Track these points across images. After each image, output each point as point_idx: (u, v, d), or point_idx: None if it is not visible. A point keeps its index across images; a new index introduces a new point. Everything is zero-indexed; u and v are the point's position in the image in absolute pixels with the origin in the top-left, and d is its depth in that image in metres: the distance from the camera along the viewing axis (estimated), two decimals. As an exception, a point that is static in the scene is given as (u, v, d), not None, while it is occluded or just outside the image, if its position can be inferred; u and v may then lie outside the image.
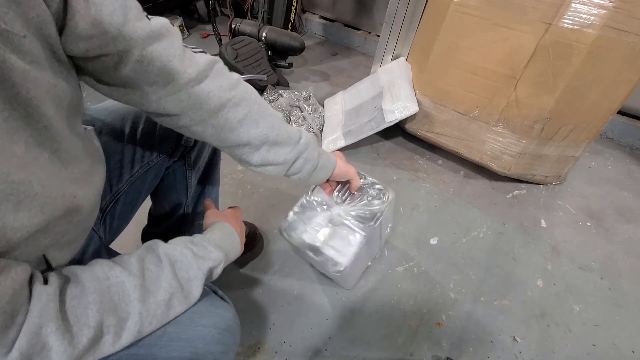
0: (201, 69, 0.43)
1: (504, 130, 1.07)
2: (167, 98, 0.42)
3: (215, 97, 0.45)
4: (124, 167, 0.57)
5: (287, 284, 0.88)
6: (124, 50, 0.37)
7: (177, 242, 0.45)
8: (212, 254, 0.46)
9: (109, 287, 0.36)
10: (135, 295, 0.37)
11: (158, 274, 0.40)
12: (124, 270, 0.38)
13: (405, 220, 1.05)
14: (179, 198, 0.69)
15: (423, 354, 0.77)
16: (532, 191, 1.17)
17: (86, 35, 0.33)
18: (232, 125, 0.48)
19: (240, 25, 1.56)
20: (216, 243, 0.48)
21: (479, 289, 0.89)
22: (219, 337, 0.44)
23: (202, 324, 0.43)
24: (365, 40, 1.92)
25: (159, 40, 0.39)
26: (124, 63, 0.38)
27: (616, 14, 0.82)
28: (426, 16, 1.22)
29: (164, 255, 0.42)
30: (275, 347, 0.77)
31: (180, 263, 0.42)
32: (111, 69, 0.38)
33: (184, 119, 0.46)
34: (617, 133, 1.40)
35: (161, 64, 0.40)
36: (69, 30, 0.32)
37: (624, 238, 1.03)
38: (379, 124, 1.18)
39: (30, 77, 0.29)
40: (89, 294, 0.34)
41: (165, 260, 0.41)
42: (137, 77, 0.39)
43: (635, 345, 0.80)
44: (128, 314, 0.36)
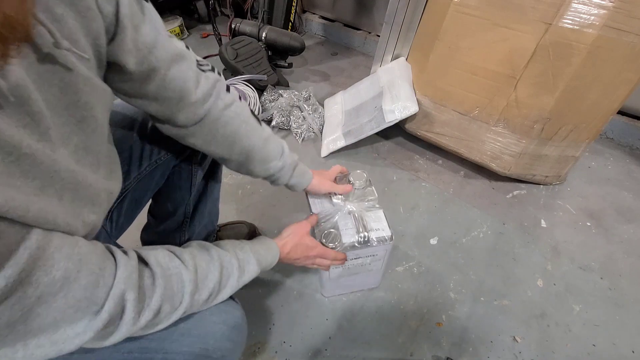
0: (205, 90, 0.48)
1: (504, 130, 1.07)
2: (177, 112, 0.48)
3: (212, 115, 0.50)
4: (132, 164, 0.57)
5: (287, 284, 0.88)
6: (153, 69, 0.41)
7: (227, 247, 0.49)
8: (252, 269, 0.50)
9: (170, 276, 0.38)
10: (188, 289, 0.40)
11: (207, 273, 0.43)
12: (181, 264, 0.40)
13: (405, 220, 1.05)
14: (183, 197, 0.69)
15: (423, 354, 0.77)
16: (532, 191, 1.17)
17: (127, 51, 0.37)
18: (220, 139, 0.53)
19: (240, 25, 1.56)
20: (259, 259, 0.51)
21: (479, 289, 0.89)
22: (229, 334, 0.46)
23: (213, 320, 0.45)
24: (365, 40, 1.92)
25: (180, 62, 0.44)
26: (150, 79, 0.42)
27: (616, 14, 0.82)
28: (426, 16, 1.22)
29: (217, 256, 0.45)
30: (275, 347, 0.77)
31: (226, 270, 0.45)
32: (137, 83, 0.42)
33: (182, 130, 0.51)
34: (617, 133, 1.40)
35: (179, 83, 0.45)
36: (116, 44, 0.36)
37: (624, 238, 1.03)
38: (379, 124, 1.18)
39: (90, 83, 0.33)
40: (158, 277, 0.37)
41: (217, 262, 0.44)
42: (158, 92, 0.44)
43: (635, 345, 0.80)
44: (179, 304, 0.39)
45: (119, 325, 0.34)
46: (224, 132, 0.52)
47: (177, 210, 0.71)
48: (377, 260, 0.74)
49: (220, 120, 0.51)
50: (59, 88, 0.30)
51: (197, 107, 0.48)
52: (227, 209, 1.04)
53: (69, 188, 0.31)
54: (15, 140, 0.26)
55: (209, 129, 0.51)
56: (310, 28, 2.15)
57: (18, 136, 0.26)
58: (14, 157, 0.26)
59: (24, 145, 0.26)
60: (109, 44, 0.36)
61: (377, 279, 0.86)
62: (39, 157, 0.28)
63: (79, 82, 0.31)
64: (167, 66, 0.42)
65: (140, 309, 0.35)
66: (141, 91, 0.43)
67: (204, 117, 0.50)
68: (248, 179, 1.15)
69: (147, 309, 0.36)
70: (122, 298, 0.33)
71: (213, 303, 0.45)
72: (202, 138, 0.52)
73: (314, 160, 1.26)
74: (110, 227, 0.59)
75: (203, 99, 0.48)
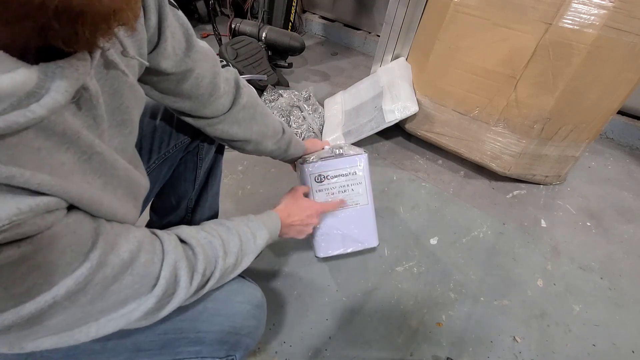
0: (231, 83, 0.54)
1: (504, 130, 1.07)
2: (207, 106, 0.52)
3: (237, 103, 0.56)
4: (142, 157, 0.58)
5: (287, 284, 0.88)
6: (188, 70, 0.45)
7: (236, 220, 0.51)
8: (263, 234, 0.52)
9: (203, 245, 0.42)
10: (220, 253, 0.43)
11: (229, 241, 0.46)
12: (208, 234, 0.44)
13: (405, 220, 1.05)
14: (186, 189, 0.71)
15: (423, 354, 0.77)
16: (532, 191, 1.17)
17: (167, 56, 0.41)
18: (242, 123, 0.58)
19: (240, 25, 1.56)
20: (266, 225, 0.55)
21: (479, 289, 0.89)
22: (253, 312, 0.49)
23: (238, 300, 0.49)
24: (365, 40, 1.92)
25: (208, 61, 0.48)
26: (186, 79, 0.46)
27: (616, 14, 0.82)
28: (426, 16, 1.22)
29: (232, 227, 0.48)
30: (275, 347, 0.77)
31: (244, 236, 0.49)
32: (174, 83, 0.46)
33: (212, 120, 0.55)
34: (617, 133, 1.40)
35: (209, 80, 0.49)
36: (159, 52, 0.40)
37: (624, 238, 1.03)
38: (379, 124, 1.18)
39: (134, 89, 0.36)
40: (195, 246, 0.40)
41: (235, 232, 0.48)
42: (192, 90, 0.48)
43: (635, 345, 0.80)
44: (215, 268, 0.42)
45: (176, 291, 0.38)
46: (245, 116, 0.58)
47: (181, 204, 0.72)
48: (358, 184, 0.78)
49: (242, 107, 0.56)
50: (109, 94, 0.33)
51: (225, 99, 0.53)
52: (227, 209, 1.04)
53: (122, 185, 0.35)
54: (90, 139, 0.29)
55: (234, 116, 0.56)
56: (310, 28, 2.15)
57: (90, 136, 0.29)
58: (87, 156, 0.29)
59: (96, 144, 0.30)
60: (151, 52, 0.39)
61: (372, 234, 0.84)
62: (106, 156, 0.31)
63: (124, 88, 0.34)
64: (200, 65, 0.46)
65: (191, 274, 0.39)
66: (176, 90, 0.47)
67: (231, 107, 0.55)
68: (248, 179, 1.15)
69: (196, 273, 0.39)
70: (174, 267, 0.37)
71: (239, 269, 0.48)
72: (229, 123, 0.57)
73: (314, 160, 1.26)
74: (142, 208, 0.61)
75: (229, 91, 0.53)
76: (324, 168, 0.76)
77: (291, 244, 0.95)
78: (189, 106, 0.51)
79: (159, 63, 0.40)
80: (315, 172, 0.76)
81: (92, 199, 0.30)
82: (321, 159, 0.76)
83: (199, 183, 0.71)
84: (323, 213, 0.74)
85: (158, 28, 0.38)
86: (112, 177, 0.33)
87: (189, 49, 0.43)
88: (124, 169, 0.35)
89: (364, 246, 0.85)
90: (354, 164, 0.78)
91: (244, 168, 1.18)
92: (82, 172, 0.29)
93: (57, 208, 0.26)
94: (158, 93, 0.48)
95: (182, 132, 0.62)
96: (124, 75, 0.33)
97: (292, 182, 1.12)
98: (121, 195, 0.36)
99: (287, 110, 1.36)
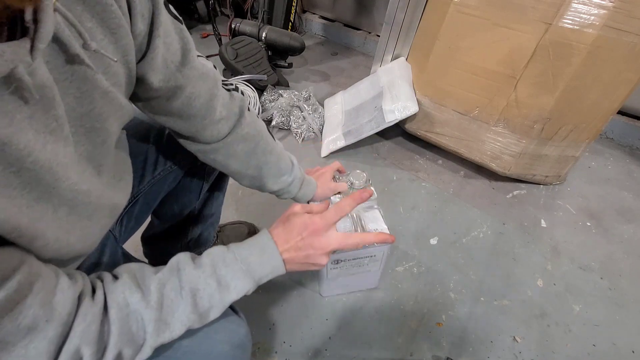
0: (230, 109, 0.49)
1: (504, 130, 1.07)
2: (200, 130, 0.48)
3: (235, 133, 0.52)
4: (146, 168, 0.57)
5: (287, 284, 0.88)
6: (178, 86, 0.42)
7: (206, 263, 0.41)
8: (239, 284, 0.41)
9: (128, 314, 0.35)
10: (150, 329, 0.35)
11: (177, 306, 0.37)
12: (142, 299, 0.36)
13: (405, 220, 1.05)
14: (190, 200, 0.69)
15: (423, 354, 0.77)
16: (532, 191, 1.17)
17: (157, 69, 0.38)
18: (239, 155, 0.54)
19: (240, 25, 1.56)
20: (249, 269, 0.42)
21: (479, 289, 0.89)
22: (232, 353, 0.44)
23: (217, 339, 0.43)
24: (365, 40, 1.92)
25: (206, 81, 0.45)
26: (176, 96, 0.42)
27: (616, 14, 0.82)
28: (426, 16, 1.22)
29: (187, 283, 0.39)
30: (275, 347, 0.77)
31: (203, 292, 0.39)
32: (163, 100, 0.43)
33: (206, 147, 0.52)
34: (617, 133, 1.40)
35: (204, 100, 0.45)
36: (147, 62, 0.37)
37: (624, 238, 1.03)
38: (379, 124, 1.18)
39: (109, 97, 0.33)
40: (113, 322, 0.33)
41: (187, 290, 0.38)
42: (183, 109, 0.44)
43: (635, 345, 0.80)
44: (142, 345, 0.36)
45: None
46: (244, 149, 0.53)
47: (183, 213, 0.71)
48: (375, 261, 0.74)
49: (242, 138, 0.52)
50: (75, 98, 0.30)
51: (222, 124, 0.49)
52: (227, 209, 1.04)
53: (65, 204, 0.30)
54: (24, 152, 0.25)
55: (231, 146, 0.52)
56: (310, 28, 2.15)
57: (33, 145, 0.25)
58: (15, 168, 0.25)
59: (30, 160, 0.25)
60: (139, 61, 0.37)
61: (376, 280, 0.86)
62: (43, 171, 0.27)
63: (95, 93, 0.31)
64: (193, 84, 0.43)
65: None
66: (166, 108, 0.44)
67: (228, 135, 0.51)
68: (248, 179, 1.15)
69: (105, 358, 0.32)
70: (76, 353, 0.30)
71: (206, 322, 0.41)
72: (223, 154, 0.53)
73: (314, 160, 1.26)
74: (120, 230, 0.59)
75: (228, 117, 0.49)
76: (343, 257, 0.69)
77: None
78: (181, 126, 0.47)
79: (147, 74, 0.38)
80: (333, 258, 0.69)
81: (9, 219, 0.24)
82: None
83: (203, 194, 0.70)
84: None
85: (148, 37, 0.36)
86: (51, 195, 0.28)
87: (183, 64, 0.41)
88: (69, 189, 0.30)
89: (366, 287, 0.88)
90: (376, 252, 0.71)
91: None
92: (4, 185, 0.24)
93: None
94: (149, 111, 0.45)
95: None
96: (90, 77, 0.30)
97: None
98: (65, 214, 0.31)
99: (287, 110, 1.37)
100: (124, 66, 0.34)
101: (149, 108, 0.44)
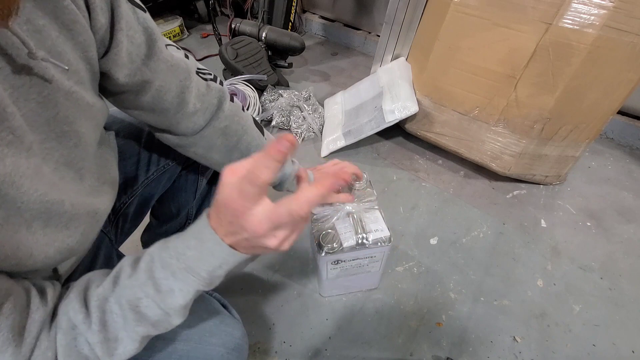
0: (206, 100, 0.47)
1: (504, 130, 1.07)
2: (174, 124, 0.46)
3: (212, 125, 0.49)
4: (139, 169, 0.57)
5: (287, 284, 0.88)
6: (145, 81, 0.40)
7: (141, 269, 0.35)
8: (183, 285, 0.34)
9: (75, 338, 0.32)
10: (99, 352, 0.32)
11: (122, 320, 0.33)
12: (85, 320, 0.32)
13: (405, 220, 1.05)
14: (187, 200, 0.69)
15: (423, 354, 0.77)
16: (532, 191, 1.17)
17: (121, 64, 0.36)
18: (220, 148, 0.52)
19: (240, 25, 1.56)
20: (190, 266, 0.34)
21: (479, 289, 0.89)
22: (228, 356, 0.44)
23: (212, 342, 0.43)
24: (365, 40, 1.92)
25: (176, 72, 0.42)
26: (144, 91, 0.41)
27: (616, 14, 0.82)
28: (426, 16, 1.22)
29: (124, 295, 0.34)
30: (275, 347, 0.77)
31: (145, 300, 0.34)
32: (132, 95, 0.41)
33: (183, 140, 0.50)
34: (617, 133, 1.40)
35: (175, 94, 0.43)
36: (111, 58, 0.35)
37: (624, 238, 1.03)
38: (379, 124, 1.18)
39: (73, 97, 0.31)
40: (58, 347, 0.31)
41: (125, 303, 0.33)
42: (154, 103, 0.43)
43: (635, 345, 0.80)
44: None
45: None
46: (225, 143, 0.51)
47: (180, 213, 0.71)
48: (376, 262, 0.74)
49: (221, 132, 0.50)
50: (37, 103, 0.28)
51: (197, 117, 0.47)
52: (227, 209, 1.04)
53: (38, 217, 0.29)
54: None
55: (210, 139, 0.50)
56: (310, 28, 2.15)
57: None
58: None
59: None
60: (102, 57, 0.35)
61: (376, 280, 0.85)
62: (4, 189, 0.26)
63: (58, 95, 0.30)
64: (162, 77, 0.41)
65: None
66: (136, 103, 0.42)
67: (205, 127, 0.49)
68: (248, 179, 1.15)
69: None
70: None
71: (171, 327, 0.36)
72: (203, 147, 0.51)
73: (314, 160, 1.26)
74: (115, 233, 0.59)
75: (203, 109, 0.47)
76: (343, 257, 0.69)
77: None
78: (154, 120, 0.46)
79: (111, 70, 0.36)
80: (333, 259, 0.69)
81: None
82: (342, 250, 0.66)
83: (200, 193, 0.70)
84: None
85: (110, 31, 0.34)
86: (19, 210, 0.28)
87: (149, 56, 0.39)
88: (38, 200, 0.29)
89: (366, 288, 0.88)
90: (376, 253, 0.71)
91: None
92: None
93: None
94: (120, 106, 0.44)
95: None
96: (45, 83, 0.29)
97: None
98: (40, 227, 0.30)
99: (287, 110, 1.37)
100: (84, 62, 0.33)
101: (119, 102, 0.43)
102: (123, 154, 0.50)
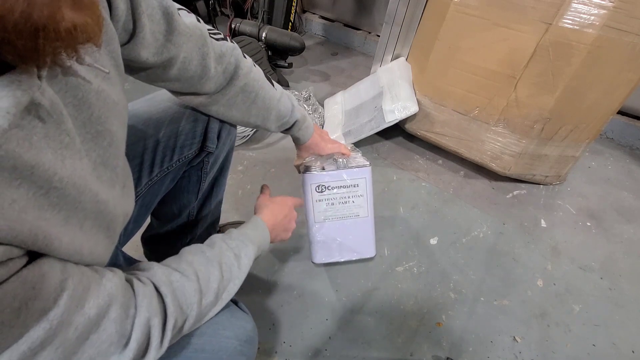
0: (225, 61, 0.50)
1: (504, 130, 1.07)
2: (198, 87, 0.50)
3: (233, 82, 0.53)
4: (143, 171, 0.57)
5: (287, 284, 0.88)
6: (172, 57, 0.43)
7: (217, 241, 0.47)
8: (249, 251, 0.49)
9: (174, 290, 0.38)
10: (195, 299, 0.39)
11: (209, 276, 0.42)
12: (182, 275, 0.40)
13: (405, 220, 1.05)
14: (189, 201, 0.69)
15: (423, 354, 0.77)
16: (532, 191, 1.17)
17: (147, 45, 0.38)
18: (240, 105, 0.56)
19: (240, 25, 1.56)
20: (250, 238, 0.51)
21: (479, 289, 0.89)
22: (241, 348, 0.46)
23: (225, 335, 0.45)
24: (365, 40, 1.92)
25: (196, 40, 0.45)
26: (172, 66, 0.44)
27: (616, 14, 0.82)
28: (426, 16, 1.22)
29: (212, 255, 0.44)
30: (275, 347, 0.77)
31: (225, 265, 0.45)
32: (160, 70, 0.44)
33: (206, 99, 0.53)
34: (617, 133, 1.40)
35: (198, 62, 0.46)
36: (138, 42, 0.37)
37: (624, 238, 1.03)
38: (379, 124, 1.18)
39: (102, 96, 0.32)
40: (167, 295, 0.37)
41: (215, 262, 0.44)
42: (180, 74, 0.46)
43: (635, 345, 0.80)
44: (189, 315, 0.39)
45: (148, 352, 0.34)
46: (244, 99, 0.55)
47: (182, 213, 0.71)
48: (361, 197, 0.77)
49: (241, 89, 0.53)
50: (74, 105, 0.29)
51: (218, 77, 0.50)
52: (227, 209, 1.04)
53: (90, 217, 0.31)
54: (48, 171, 0.25)
55: (230, 97, 0.54)
56: (310, 28, 2.15)
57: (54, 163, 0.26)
58: (44, 191, 0.25)
59: (58, 174, 0.26)
60: (127, 43, 0.36)
61: (370, 243, 0.84)
62: (68, 189, 0.27)
63: (90, 96, 0.31)
64: (185, 49, 0.43)
65: (162, 332, 0.35)
66: (164, 76, 0.45)
67: (226, 86, 0.52)
68: (248, 179, 1.15)
69: (166, 330, 0.36)
70: (147, 325, 0.33)
71: (220, 303, 0.44)
72: (224, 105, 0.54)
73: (314, 160, 1.26)
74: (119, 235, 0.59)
75: (223, 69, 0.50)
76: (326, 179, 0.75)
77: (291, 244, 0.95)
78: (180, 87, 0.50)
79: (139, 54, 0.38)
80: (317, 182, 0.75)
81: (50, 237, 0.26)
82: (324, 169, 0.74)
83: (202, 194, 0.70)
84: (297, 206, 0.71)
85: (132, 15, 0.35)
86: (77, 210, 0.29)
87: (170, 32, 0.40)
88: (92, 200, 0.30)
89: (360, 256, 0.87)
90: (357, 176, 0.76)
91: (244, 168, 1.18)
92: (37, 208, 0.25)
93: (8, 258, 0.23)
94: (146, 81, 0.46)
95: (187, 147, 0.60)
96: (85, 84, 0.30)
97: (293, 180, 1.12)
98: (89, 227, 0.31)
99: (287, 110, 1.37)
100: (109, 58, 0.33)
101: (144, 77, 0.45)
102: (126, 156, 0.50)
